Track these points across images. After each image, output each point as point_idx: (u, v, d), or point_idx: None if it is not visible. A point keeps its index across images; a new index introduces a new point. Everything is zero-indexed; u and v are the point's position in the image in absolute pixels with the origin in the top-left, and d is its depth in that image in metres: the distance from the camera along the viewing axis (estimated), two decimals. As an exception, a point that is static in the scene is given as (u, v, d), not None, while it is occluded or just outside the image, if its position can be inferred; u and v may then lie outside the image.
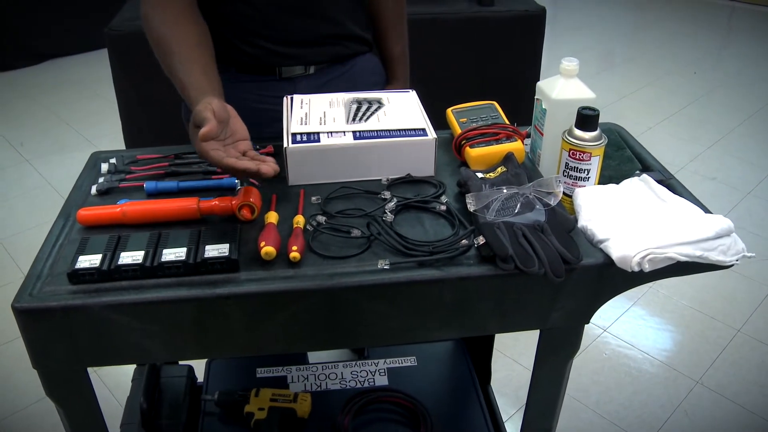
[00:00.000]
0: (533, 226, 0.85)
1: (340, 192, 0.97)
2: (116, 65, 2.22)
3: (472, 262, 0.83)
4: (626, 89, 3.75)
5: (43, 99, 3.66)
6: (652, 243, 0.83)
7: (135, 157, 1.08)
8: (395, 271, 0.81)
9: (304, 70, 1.21)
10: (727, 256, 0.87)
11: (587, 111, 0.93)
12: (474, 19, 2.34)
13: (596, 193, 0.95)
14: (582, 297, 0.86)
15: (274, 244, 0.82)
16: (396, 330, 0.84)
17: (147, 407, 1.11)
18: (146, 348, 0.82)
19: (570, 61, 0.99)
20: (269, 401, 1.22)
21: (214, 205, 0.91)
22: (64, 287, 0.80)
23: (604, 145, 0.94)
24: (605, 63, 4.26)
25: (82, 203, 0.97)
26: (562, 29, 4.98)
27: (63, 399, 0.87)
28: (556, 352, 0.91)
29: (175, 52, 1.00)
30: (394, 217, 0.90)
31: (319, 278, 0.80)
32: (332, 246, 0.86)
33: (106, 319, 0.79)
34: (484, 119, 1.08)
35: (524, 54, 2.42)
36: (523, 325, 0.87)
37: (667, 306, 2.09)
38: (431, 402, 1.27)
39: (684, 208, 0.92)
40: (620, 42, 4.64)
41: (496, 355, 1.46)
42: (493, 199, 0.88)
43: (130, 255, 0.82)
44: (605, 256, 0.84)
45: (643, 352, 1.91)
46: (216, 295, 0.79)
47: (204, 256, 0.81)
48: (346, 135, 0.99)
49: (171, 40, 1.02)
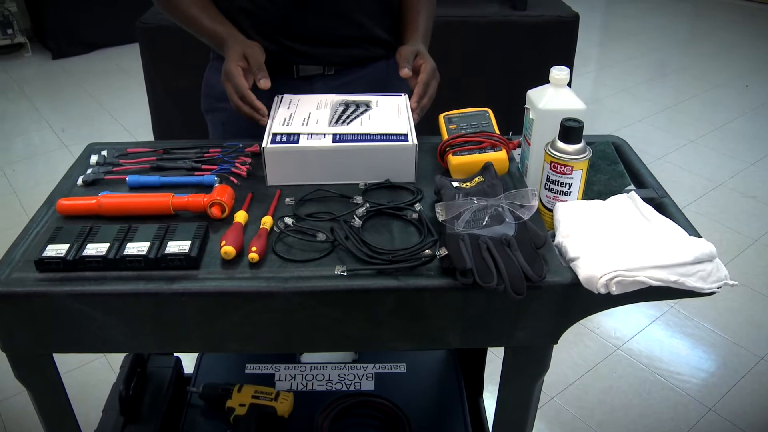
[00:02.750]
0: (500, 239, 0.82)
1: (314, 195, 0.96)
2: (147, 58, 2.27)
3: (433, 273, 0.81)
4: (673, 99, 3.63)
5: (89, 87, 3.79)
6: (622, 265, 0.79)
7: (125, 150, 1.10)
8: (352, 278, 0.80)
9: (322, 70, 1.20)
10: (707, 282, 0.82)
11: (571, 123, 0.89)
12: (505, 23, 2.30)
13: (578, 208, 0.92)
14: (548, 317, 0.83)
15: (234, 244, 0.82)
16: (352, 338, 0.83)
17: (127, 394, 1.13)
18: (107, 338, 0.84)
19: (560, 70, 0.96)
20: (251, 398, 1.23)
21: (186, 201, 0.92)
22: (32, 274, 0.82)
23: (587, 159, 0.90)
24: (656, 71, 4.13)
25: (67, 193, 1.00)
26: (615, 35, 4.86)
27: (30, 382, 0.89)
28: (521, 373, 0.89)
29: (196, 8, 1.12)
30: (362, 223, 0.88)
31: (274, 281, 0.80)
32: (296, 249, 0.85)
33: (68, 308, 0.81)
34: (474, 126, 1.06)
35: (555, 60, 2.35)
36: (486, 342, 0.85)
37: (687, 327, 2.01)
38: (414, 411, 1.25)
39: (667, 229, 0.88)
40: (673, 51, 4.49)
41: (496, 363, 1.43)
42: (463, 210, 0.86)
43: (96, 247, 0.83)
44: (574, 276, 0.81)
45: (656, 374, 1.84)
46: (172, 291, 0.79)
47: (165, 251, 0.82)
48: (326, 137, 0.98)
49: None
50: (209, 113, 1.32)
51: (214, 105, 1.29)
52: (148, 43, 2.26)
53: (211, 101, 1.29)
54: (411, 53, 1.12)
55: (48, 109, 3.54)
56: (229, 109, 1.27)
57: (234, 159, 1.05)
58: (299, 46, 1.16)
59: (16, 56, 4.29)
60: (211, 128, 1.34)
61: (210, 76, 1.28)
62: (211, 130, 1.34)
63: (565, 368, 1.87)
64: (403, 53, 1.13)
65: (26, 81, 3.95)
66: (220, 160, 1.05)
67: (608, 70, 4.13)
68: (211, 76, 1.28)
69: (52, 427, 0.94)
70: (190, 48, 1.27)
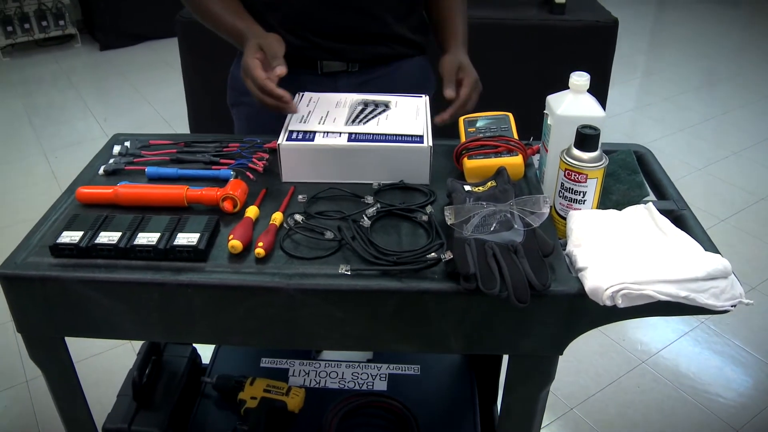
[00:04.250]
0: (507, 246, 0.81)
1: (326, 193, 0.96)
2: (184, 51, 2.31)
3: (437, 276, 0.80)
4: (718, 109, 3.53)
5: (132, 78, 3.88)
6: (630, 277, 0.77)
7: (148, 141, 1.12)
8: (356, 278, 0.80)
9: (346, 66, 1.21)
10: (720, 300, 0.80)
11: (587, 130, 0.88)
12: (542, 27, 2.27)
13: (592, 217, 0.90)
14: (553, 326, 0.81)
15: (241, 239, 0.83)
16: (354, 337, 0.83)
17: (140, 381, 1.15)
18: (115, 325, 0.86)
19: (580, 76, 0.94)
20: (262, 391, 1.24)
21: (200, 194, 0.93)
22: (47, 259, 0.85)
23: (603, 168, 0.89)
24: (704, 80, 4.01)
25: (88, 181, 1.02)
26: (664, 42, 4.76)
27: (42, 363, 0.92)
28: (525, 382, 0.87)
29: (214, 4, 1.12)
30: (371, 223, 0.88)
31: (278, 277, 0.80)
32: (304, 246, 0.86)
33: (79, 293, 0.83)
34: (493, 131, 1.05)
35: (592, 66, 2.31)
36: (488, 349, 0.84)
37: (717, 345, 1.95)
38: (425, 414, 1.24)
39: (683, 243, 0.85)
40: (722, 59, 4.36)
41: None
42: (473, 214, 0.85)
43: (108, 235, 0.85)
44: (581, 286, 0.79)
45: (681, 391, 1.79)
46: (178, 282, 0.81)
47: (173, 243, 0.83)
48: (341, 136, 0.98)
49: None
50: (234, 107, 1.34)
51: (239, 99, 1.30)
52: (186, 37, 2.30)
53: (236, 95, 1.31)
54: (454, 68, 1.11)
55: (93, 99, 3.64)
56: (252, 104, 1.28)
57: (252, 154, 1.06)
58: (324, 42, 1.17)
59: (67, 47, 4.43)
60: (236, 122, 1.36)
61: (236, 69, 1.30)
62: (236, 123, 1.36)
63: (587, 379, 1.83)
64: (446, 68, 1.12)
65: (74, 71, 4.07)
66: (238, 155, 1.06)
67: (654, 78, 4.04)
68: (236, 69, 1.30)
69: (63, 408, 0.97)
70: (225, 43, 1.30)
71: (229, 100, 1.34)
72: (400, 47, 1.23)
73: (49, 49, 4.37)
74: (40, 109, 3.55)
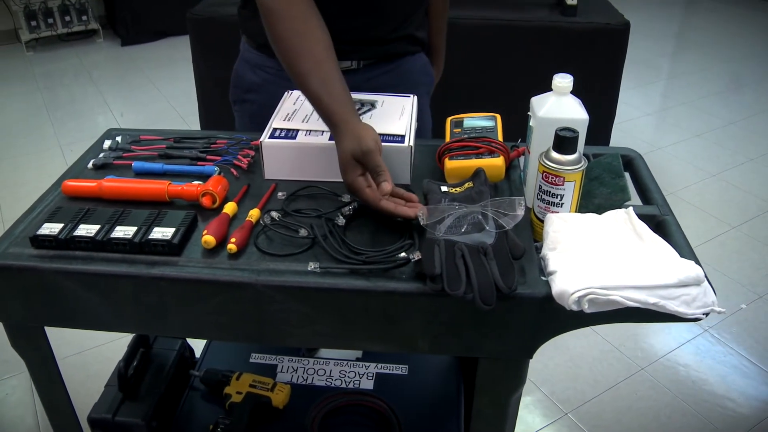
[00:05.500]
0: (477, 247, 0.81)
1: (306, 191, 0.97)
2: (195, 48, 2.34)
3: (405, 277, 0.80)
4: (738, 114, 3.46)
5: (151, 73, 3.93)
6: (597, 282, 0.76)
7: (139, 137, 1.14)
8: (324, 275, 0.80)
9: (349, 64, 1.22)
10: (691, 307, 0.78)
11: (565, 132, 0.87)
12: (552, 29, 2.25)
13: (569, 221, 0.89)
14: (521, 330, 0.81)
15: (215, 234, 0.84)
16: (323, 334, 0.84)
17: (126, 372, 1.17)
18: (92, 316, 0.87)
19: (563, 78, 0.93)
20: (248, 386, 1.25)
21: (181, 190, 0.94)
22: (27, 250, 0.87)
23: (581, 171, 0.88)
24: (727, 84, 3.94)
25: (77, 175, 1.04)
26: (690, 45, 4.68)
27: (23, 351, 0.94)
28: (494, 386, 0.87)
29: (311, 62, 0.95)
30: (345, 222, 0.89)
31: (248, 272, 0.81)
32: (278, 243, 0.86)
33: (57, 284, 0.85)
34: (478, 132, 1.05)
35: (602, 69, 2.30)
36: (457, 351, 0.84)
37: (719, 354, 1.92)
38: (409, 414, 1.24)
39: (658, 249, 0.84)
40: (749, 64, 4.27)
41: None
42: (447, 215, 0.85)
43: (87, 228, 0.87)
44: (549, 290, 0.79)
45: (679, 399, 1.77)
46: (151, 276, 0.82)
47: (149, 237, 0.85)
48: (323, 135, 0.99)
49: (305, 45, 0.95)
50: (237, 104, 1.35)
51: (242, 96, 1.31)
52: (197, 35, 2.32)
53: (238, 92, 1.32)
54: None
55: (111, 94, 3.69)
56: (254, 101, 1.29)
57: (238, 151, 1.07)
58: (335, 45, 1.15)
59: (89, 42, 4.50)
60: (237, 119, 1.37)
61: (239, 68, 1.31)
62: (238, 121, 1.37)
63: (584, 384, 1.81)
64: None
65: (96, 66, 4.14)
66: (224, 152, 1.08)
67: (676, 81, 3.98)
68: (240, 68, 1.31)
69: (44, 395, 0.99)
70: (235, 41, 1.31)
71: (231, 97, 1.35)
72: (405, 45, 1.24)
73: (72, 43, 4.45)
74: (59, 103, 3.61)
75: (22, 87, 3.81)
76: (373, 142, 0.88)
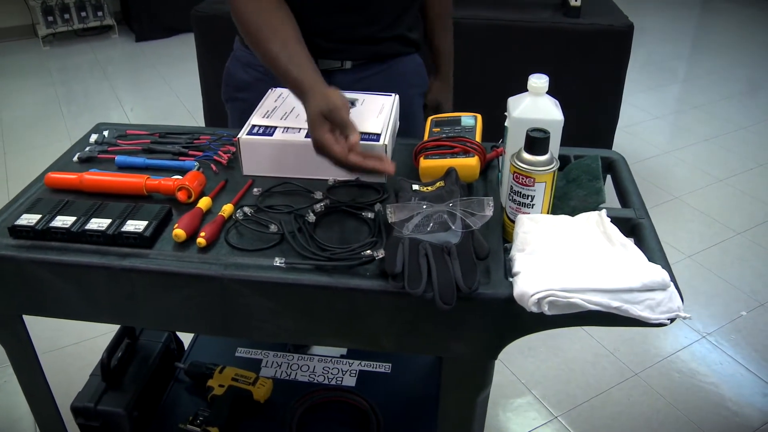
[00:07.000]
0: (441, 247, 0.81)
1: (281, 187, 0.98)
2: (200, 46, 2.36)
3: (369, 274, 0.81)
4: (750, 119, 3.42)
5: (162, 69, 3.97)
6: (558, 284, 0.76)
7: (125, 131, 1.15)
8: (289, 271, 0.81)
9: (339, 64, 1.22)
10: (656, 312, 0.78)
11: (536, 133, 0.87)
12: (554, 30, 2.24)
13: (539, 222, 0.89)
14: (484, 331, 0.81)
15: (186, 228, 0.86)
16: (289, 330, 0.85)
17: (109, 362, 1.19)
18: (67, 306, 0.89)
19: (538, 78, 0.93)
20: (230, 380, 1.27)
21: (158, 184, 0.96)
22: (6, 240, 0.88)
23: (552, 172, 0.88)
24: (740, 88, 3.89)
25: (62, 168, 1.06)
26: (705, 48, 4.63)
27: (3, 339, 0.96)
28: (460, 387, 0.87)
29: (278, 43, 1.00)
30: (316, 219, 0.90)
31: (215, 266, 0.82)
32: (248, 238, 0.88)
33: (34, 274, 0.87)
34: (457, 131, 1.05)
35: (605, 71, 2.28)
36: (420, 350, 0.85)
37: (715, 362, 1.90)
38: (389, 412, 1.25)
39: (627, 253, 0.84)
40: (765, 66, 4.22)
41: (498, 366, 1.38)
42: (415, 214, 0.86)
43: (63, 219, 0.88)
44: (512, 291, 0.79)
45: (672, 405, 1.75)
46: (122, 267, 0.84)
47: (122, 229, 0.86)
48: (300, 132, 1.00)
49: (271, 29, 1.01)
50: (229, 102, 1.36)
51: (233, 95, 1.33)
52: (202, 31, 2.34)
53: (230, 91, 1.33)
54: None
55: (124, 89, 3.74)
56: (246, 100, 1.30)
57: (219, 147, 1.09)
58: (324, 42, 1.16)
59: (104, 37, 4.56)
60: (230, 117, 1.38)
61: (231, 66, 1.32)
62: (230, 119, 1.38)
63: (576, 388, 1.81)
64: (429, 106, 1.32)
65: (110, 61, 4.19)
66: (206, 147, 1.09)
67: (689, 85, 3.94)
68: (231, 66, 1.32)
69: (24, 383, 1.01)
70: None
71: (223, 95, 1.36)
72: (397, 45, 1.24)
73: (88, 39, 4.51)
74: (73, 97, 3.66)
75: (38, 81, 3.88)
76: (340, 99, 0.91)
